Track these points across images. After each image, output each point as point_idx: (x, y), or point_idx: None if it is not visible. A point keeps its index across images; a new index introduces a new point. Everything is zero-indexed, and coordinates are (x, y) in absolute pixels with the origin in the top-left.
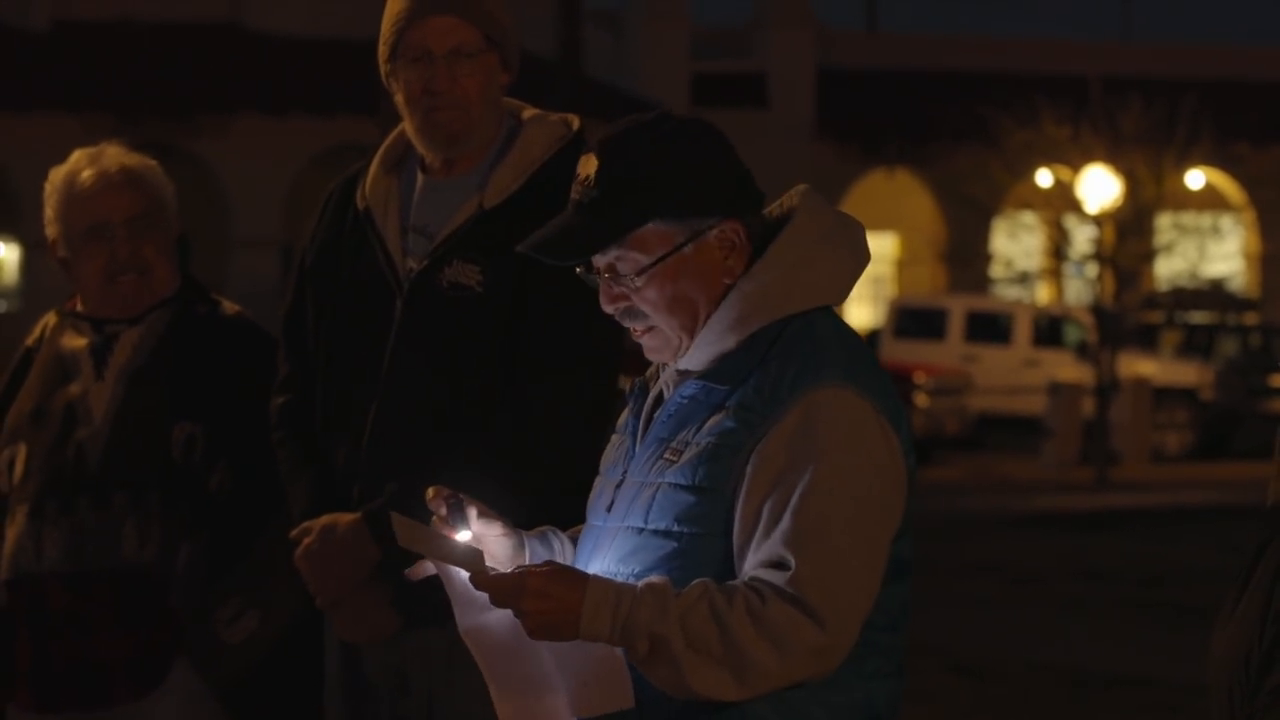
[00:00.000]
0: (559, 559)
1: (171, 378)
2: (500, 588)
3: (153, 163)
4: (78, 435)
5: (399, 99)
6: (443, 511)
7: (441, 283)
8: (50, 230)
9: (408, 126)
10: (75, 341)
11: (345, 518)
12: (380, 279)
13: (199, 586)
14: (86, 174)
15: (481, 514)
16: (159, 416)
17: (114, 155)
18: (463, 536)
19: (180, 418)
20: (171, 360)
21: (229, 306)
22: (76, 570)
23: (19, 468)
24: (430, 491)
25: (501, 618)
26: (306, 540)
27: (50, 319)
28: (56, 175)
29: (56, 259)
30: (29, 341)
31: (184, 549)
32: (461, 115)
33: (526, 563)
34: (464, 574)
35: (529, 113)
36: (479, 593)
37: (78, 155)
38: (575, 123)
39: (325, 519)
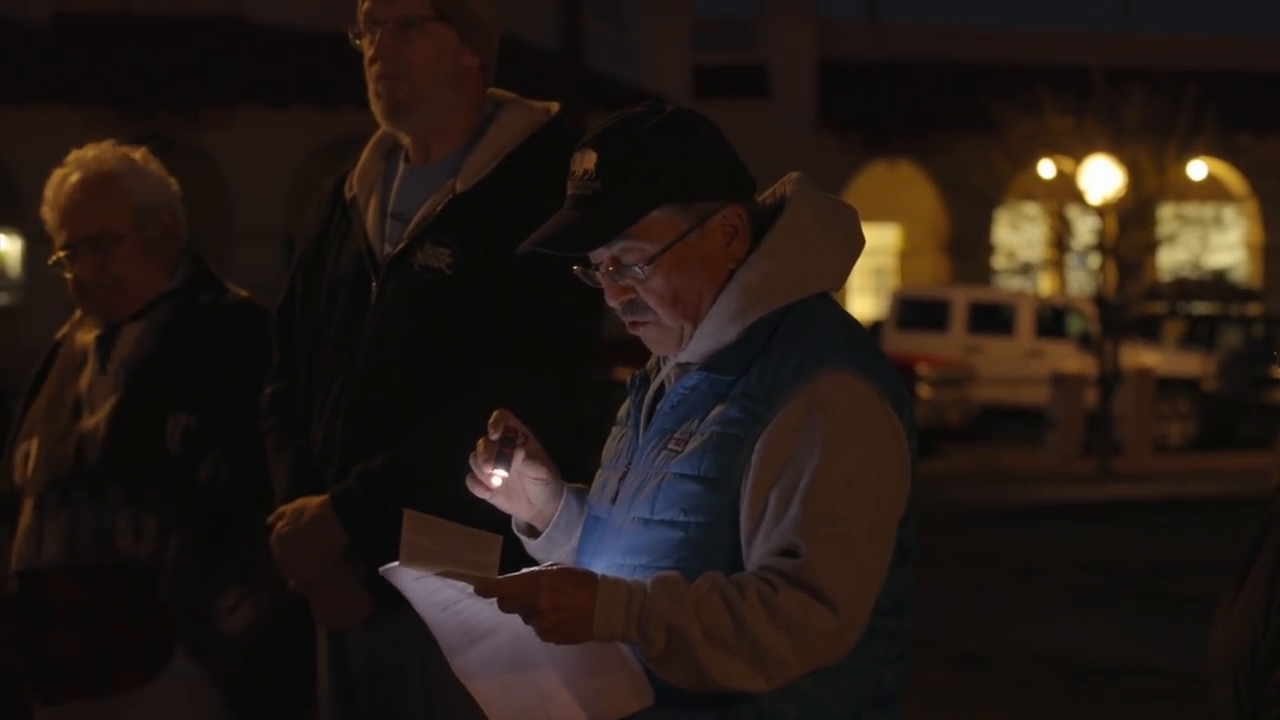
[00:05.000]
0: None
1: (168, 370)
2: (511, 590)
3: (139, 161)
4: (80, 428)
5: None
6: (494, 436)
7: (414, 265)
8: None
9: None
10: (88, 335)
11: (315, 501)
12: (360, 264)
13: (188, 578)
14: (62, 187)
15: (531, 456)
16: (155, 409)
17: (92, 161)
18: (499, 474)
19: (175, 410)
20: (170, 352)
21: (236, 293)
22: (75, 564)
23: (31, 461)
24: (495, 415)
25: (495, 645)
26: (279, 524)
27: (78, 312)
28: (51, 181)
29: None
30: (59, 335)
31: (173, 540)
32: (403, 84)
33: (559, 513)
34: (452, 602)
35: (510, 100)
36: (466, 626)
37: (71, 160)
38: (554, 109)
39: (298, 502)
